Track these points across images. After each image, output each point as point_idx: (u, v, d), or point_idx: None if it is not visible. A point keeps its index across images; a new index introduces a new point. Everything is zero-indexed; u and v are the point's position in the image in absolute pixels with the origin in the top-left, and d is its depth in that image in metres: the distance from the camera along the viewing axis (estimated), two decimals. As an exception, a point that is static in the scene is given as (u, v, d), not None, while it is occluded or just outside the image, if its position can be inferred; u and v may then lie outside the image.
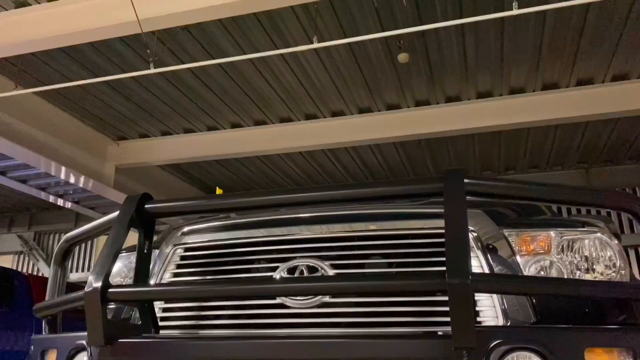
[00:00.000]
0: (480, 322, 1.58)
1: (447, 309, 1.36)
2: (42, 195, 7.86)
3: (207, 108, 7.14)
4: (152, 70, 5.15)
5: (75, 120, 7.43)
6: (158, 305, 1.87)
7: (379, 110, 7.13)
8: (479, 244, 1.69)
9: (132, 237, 1.87)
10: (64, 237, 2.08)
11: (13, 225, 11.63)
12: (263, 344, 1.54)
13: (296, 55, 5.90)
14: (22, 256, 11.57)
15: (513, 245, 1.70)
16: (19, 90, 5.85)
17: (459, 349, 1.35)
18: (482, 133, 7.35)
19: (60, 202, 8.13)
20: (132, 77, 5.92)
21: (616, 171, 8.79)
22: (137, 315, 1.84)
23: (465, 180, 1.57)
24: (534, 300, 1.61)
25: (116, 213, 1.85)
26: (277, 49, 5.37)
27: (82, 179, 7.34)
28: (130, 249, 2.09)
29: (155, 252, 2.00)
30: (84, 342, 1.70)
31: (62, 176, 7.20)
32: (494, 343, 1.38)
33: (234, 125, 7.61)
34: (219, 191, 7.51)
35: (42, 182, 7.52)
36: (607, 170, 8.85)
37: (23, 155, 6.63)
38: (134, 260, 1.85)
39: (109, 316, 1.91)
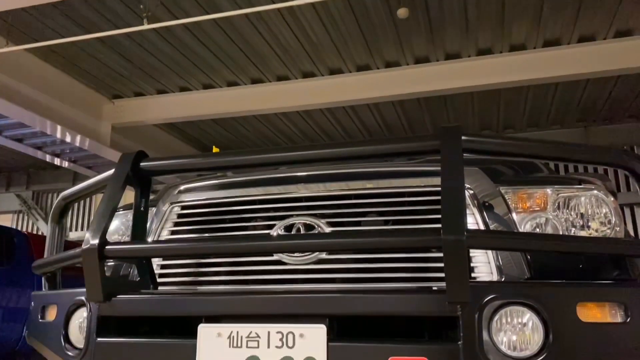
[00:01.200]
0: (474, 278, 1.60)
1: (442, 265, 1.37)
2: (39, 154, 7.82)
3: (202, 66, 7.03)
4: (146, 26, 5.04)
5: (69, 78, 7.32)
6: (156, 262, 1.89)
7: (378, 68, 7.02)
8: (475, 202, 1.69)
9: (129, 196, 1.87)
10: (61, 195, 2.09)
11: (11, 184, 11.64)
12: (261, 299, 1.56)
13: (293, 10, 5.77)
14: (21, 215, 11.64)
15: (509, 202, 1.71)
16: (10, 47, 5.74)
17: (452, 304, 1.37)
18: (482, 91, 7.27)
19: (57, 161, 8.10)
20: (126, 34, 5.80)
21: (616, 130, 8.75)
22: (136, 272, 1.86)
23: (463, 138, 1.55)
24: (529, 257, 1.62)
25: (112, 171, 1.84)
26: (273, 3, 5.24)
27: (78, 138, 7.29)
28: (127, 207, 2.10)
29: (152, 210, 2.00)
30: (83, 298, 1.72)
31: (58, 135, 7.14)
32: (488, 298, 1.40)
33: (230, 84, 7.51)
34: (215, 150, 7.49)
35: (38, 141, 7.46)
36: (607, 128, 8.81)
37: (18, 114, 6.56)
38: (131, 218, 1.86)
39: (108, 273, 1.93)
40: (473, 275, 1.59)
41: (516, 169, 1.97)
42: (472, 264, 1.60)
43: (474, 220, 1.66)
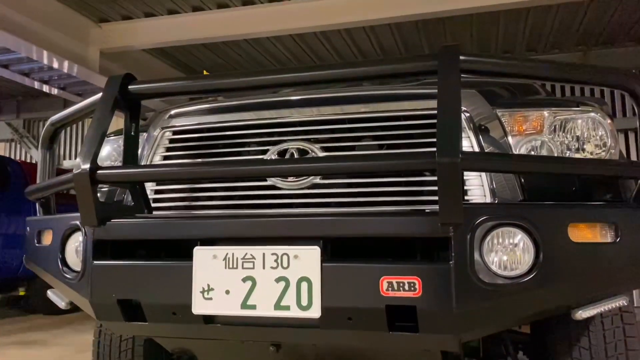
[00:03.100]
0: (467, 201, 1.60)
1: (436, 188, 1.37)
2: (27, 81, 7.63)
3: (191, -14, 6.73)
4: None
5: (53, 0, 7.02)
6: (150, 187, 1.88)
7: (374, -12, 6.75)
8: (471, 125, 1.67)
9: (120, 123, 1.84)
10: (49, 120, 2.05)
11: (1, 113, 11.47)
12: (256, 222, 1.57)
13: None
14: (13, 144, 11.57)
15: (505, 125, 1.69)
16: (-12, -33, 5.44)
17: (445, 225, 1.38)
18: (481, 14, 7.04)
19: (45, 88, 7.92)
20: (109, -49, 5.50)
21: (615, 54, 8.58)
22: (129, 198, 1.86)
23: (461, 58, 1.51)
24: (522, 180, 1.62)
25: (99, 95, 1.80)
26: None
27: (65, 63, 7.08)
28: (117, 133, 2.07)
29: (144, 136, 1.97)
30: (77, 222, 1.73)
31: (45, 61, 6.93)
32: (480, 219, 1.41)
33: (221, 6, 7.22)
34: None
35: (25, 68, 7.26)
36: (606, 52, 8.64)
37: (1, 39, 6.34)
38: (122, 143, 1.83)
39: (102, 199, 1.93)
40: (466, 197, 1.60)
41: (514, 91, 1.93)
42: (465, 187, 1.60)
43: (469, 144, 1.65)
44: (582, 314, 1.50)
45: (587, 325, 1.76)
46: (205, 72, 4.71)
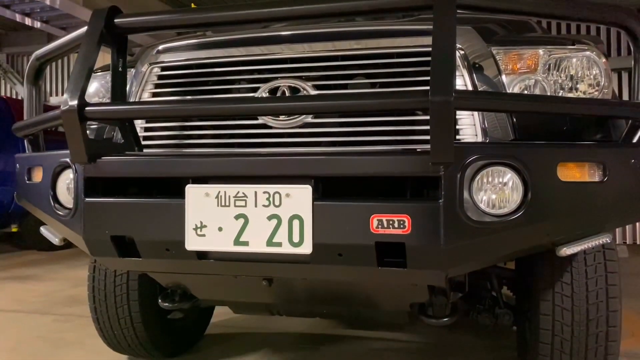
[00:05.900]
0: (459, 140, 1.60)
1: (428, 128, 1.36)
2: (7, 13, 7.36)
3: None
4: None
5: None
6: (139, 125, 1.86)
7: None
8: (465, 63, 1.65)
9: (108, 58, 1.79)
10: (34, 54, 1.99)
11: (-18, 47, 11.13)
12: (248, 161, 1.57)
13: None
14: (-2, 80, 11.32)
15: (500, 63, 1.66)
16: None
17: (436, 164, 1.39)
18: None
19: (27, 21, 7.65)
20: None
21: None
22: (119, 136, 1.84)
23: (457, -8, 1.46)
24: (514, 119, 1.62)
25: (84, 29, 1.74)
26: None
27: (47, -5, 6.82)
28: (105, 68, 2.02)
29: (131, 72, 1.93)
30: (67, 159, 1.72)
31: (25, -8, 6.68)
32: (471, 159, 1.42)
33: None
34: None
35: (5, -1, 7.01)
36: (605, -12, 8.44)
37: (-23, -32, 6.06)
38: (110, 79, 1.79)
39: (91, 136, 1.91)
40: (458, 137, 1.60)
41: (509, 28, 1.89)
42: (457, 126, 1.60)
43: (462, 82, 1.63)
44: (567, 250, 1.55)
45: (570, 261, 1.81)
46: (193, 6, 4.55)
